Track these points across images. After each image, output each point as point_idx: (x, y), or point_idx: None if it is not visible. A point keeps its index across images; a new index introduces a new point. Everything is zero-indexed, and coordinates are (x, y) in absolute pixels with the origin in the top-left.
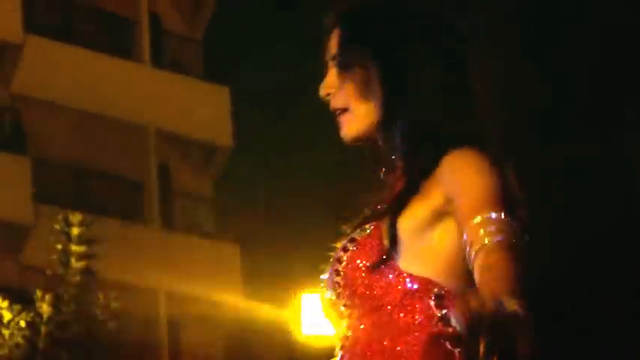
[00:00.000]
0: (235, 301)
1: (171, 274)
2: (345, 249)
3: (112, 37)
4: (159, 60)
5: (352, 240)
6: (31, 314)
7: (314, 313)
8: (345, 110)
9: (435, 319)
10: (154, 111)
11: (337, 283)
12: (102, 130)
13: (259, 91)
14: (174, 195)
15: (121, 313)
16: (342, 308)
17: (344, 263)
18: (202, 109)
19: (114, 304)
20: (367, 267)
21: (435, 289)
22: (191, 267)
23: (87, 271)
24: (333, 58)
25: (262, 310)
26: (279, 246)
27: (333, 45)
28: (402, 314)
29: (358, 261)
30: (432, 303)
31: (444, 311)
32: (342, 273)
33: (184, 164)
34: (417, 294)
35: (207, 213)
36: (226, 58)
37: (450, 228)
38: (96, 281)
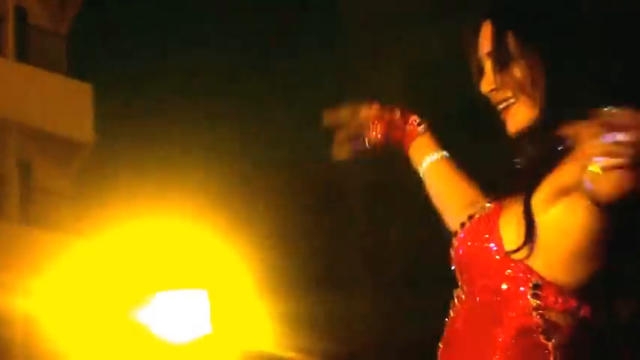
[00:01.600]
0: (94, 300)
1: (29, 272)
2: (462, 225)
3: None
4: (23, 54)
5: (470, 217)
6: None
7: (168, 311)
8: (509, 105)
9: (528, 310)
10: (15, 105)
11: (452, 258)
12: None
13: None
14: (34, 191)
15: None
16: (459, 281)
17: (459, 240)
18: (64, 105)
19: None
20: (476, 246)
21: (534, 279)
22: (49, 264)
23: None
24: (490, 54)
25: (118, 309)
26: (138, 243)
27: (485, 40)
28: (497, 300)
29: (469, 240)
30: (529, 293)
31: (538, 302)
32: (456, 248)
33: (45, 160)
34: (516, 282)
35: (67, 209)
36: (91, 53)
37: (574, 207)
38: None
